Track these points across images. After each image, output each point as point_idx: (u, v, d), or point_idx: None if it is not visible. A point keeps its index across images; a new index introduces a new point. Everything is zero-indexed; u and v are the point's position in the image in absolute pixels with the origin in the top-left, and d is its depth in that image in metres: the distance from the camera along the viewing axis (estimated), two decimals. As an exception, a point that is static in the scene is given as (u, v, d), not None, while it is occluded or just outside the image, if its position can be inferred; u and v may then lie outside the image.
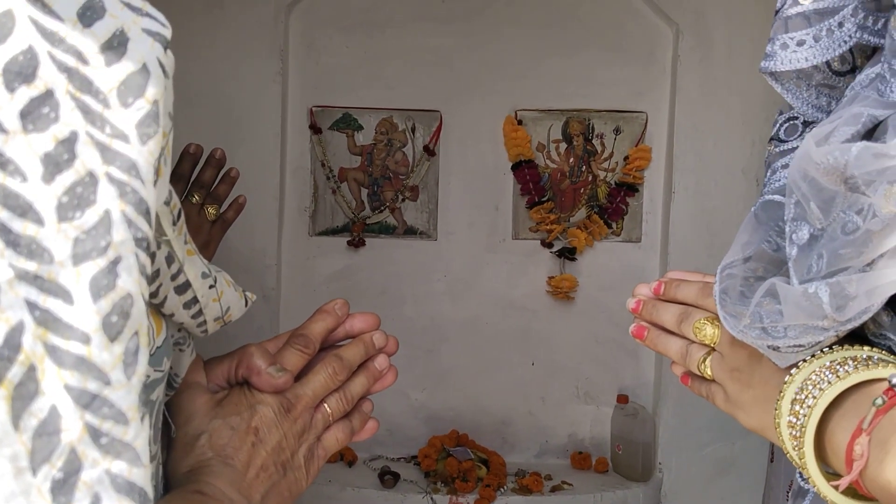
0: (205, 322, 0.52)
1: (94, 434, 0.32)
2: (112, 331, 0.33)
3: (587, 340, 2.43)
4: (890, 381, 0.48)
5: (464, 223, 2.43)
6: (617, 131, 2.39)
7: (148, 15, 0.37)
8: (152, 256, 0.36)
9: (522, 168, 2.37)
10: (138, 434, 0.34)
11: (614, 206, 2.38)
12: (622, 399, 2.37)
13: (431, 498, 2.20)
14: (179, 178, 1.23)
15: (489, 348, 2.45)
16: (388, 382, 0.67)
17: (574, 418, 2.46)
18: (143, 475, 0.34)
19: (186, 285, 0.47)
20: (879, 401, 0.47)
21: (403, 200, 2.42)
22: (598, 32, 2.35)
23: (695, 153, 2.30)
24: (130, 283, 0.34)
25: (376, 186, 2.41)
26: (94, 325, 0.32)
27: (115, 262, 0.33)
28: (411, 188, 2.42)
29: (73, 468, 0.32)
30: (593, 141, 2.39)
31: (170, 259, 0.44)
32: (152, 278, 0.43)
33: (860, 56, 0.58)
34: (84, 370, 0.32)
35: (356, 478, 2.28)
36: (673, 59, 2.33)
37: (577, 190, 2.40)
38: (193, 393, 0.59)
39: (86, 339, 0.32)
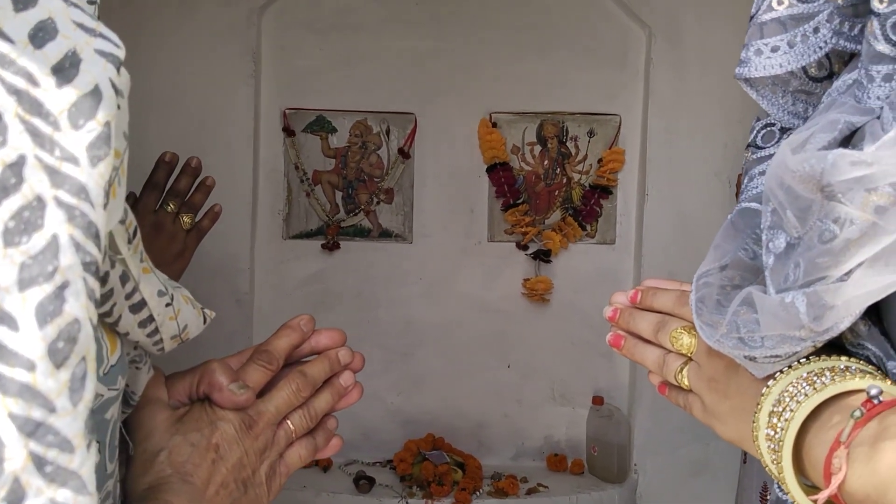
0: (161, 340, 0.52)
1: (39, 462, 0.32)
2: (58, 357, 0.32)
3: (562, 342, 2.43)
4: (868, 393, 0.47)
5: (439, 226, 2.42)
6: (591, 134, 2.39)
7: (101, 36, 0.36)
8: (105, 276, 0.36)
9: (497, 170, 2.36)
10: (84, 462, 0.33)
11: (588, 208, 2.38)
12: (597, 401, 2.37)
13: (407, 502, 2.18)
14: (155, 186, 1.22)
15: (465, 351, 2.44)
16: (353, 399, 0.67)
17: (549, 420, 2.46)
18: (89, 503, 0.33)
19: (142, 304, 0.47)
20: (858, 413, 0.46)
21: (378, 203, 2.40)
22: (571, 35, 2.35)
23: (668, 155, 2.31)
24: (78, 308, 0.33)
25: (350, 189, 2.39)
26: (40, 351, 0.32)
27: (63, 288, 0.33)
28: (386, 191, 2.40)
29: (16, 497, 0.31)
30: (567, 143, 2.39)
31: (124, 278, 0.44)
32: (106, 297, 0.42)
33: (837, 62, 0.58)
34: (28, 398, 0.31)
35: (331, 483, 2.26)
36: (646, 62, 2.34)
37: (551, 192, 2.40)
38: (154, 409, 0.58)
39: (31, 366, 0.31)
